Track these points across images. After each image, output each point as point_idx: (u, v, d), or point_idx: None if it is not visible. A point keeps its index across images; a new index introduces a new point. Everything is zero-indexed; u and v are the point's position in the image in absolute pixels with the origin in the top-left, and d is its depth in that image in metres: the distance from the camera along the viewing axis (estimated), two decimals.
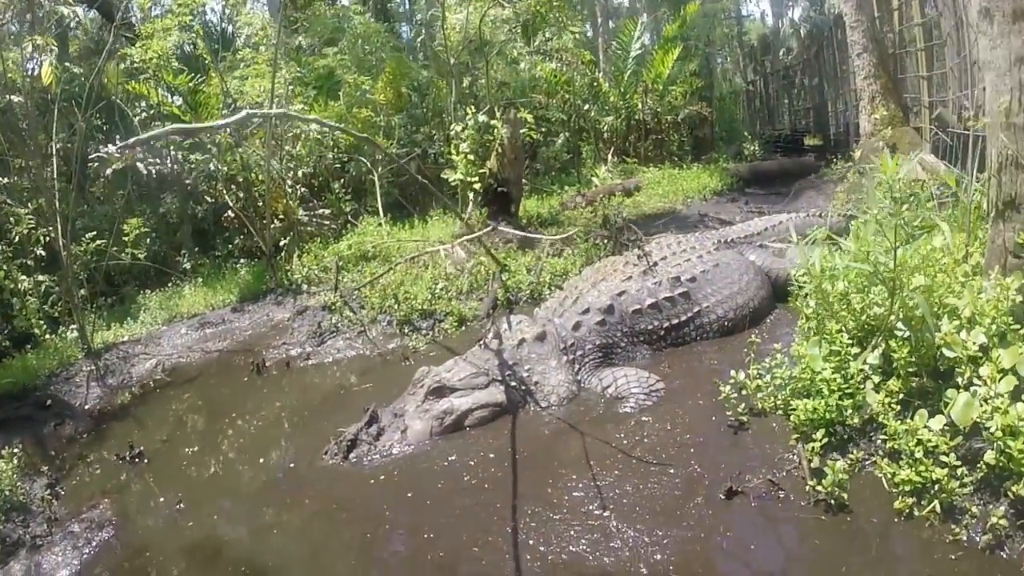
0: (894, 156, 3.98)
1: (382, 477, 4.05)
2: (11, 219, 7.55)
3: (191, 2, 10.37)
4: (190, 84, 9.91)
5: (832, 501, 3.17)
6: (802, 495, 3.29)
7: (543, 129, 14.68)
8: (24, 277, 7.46)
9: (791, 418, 3.71)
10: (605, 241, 7.40)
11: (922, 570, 2.83)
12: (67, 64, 7.50)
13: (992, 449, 2.99)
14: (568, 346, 4.91)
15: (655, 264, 5.54)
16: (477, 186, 9.25)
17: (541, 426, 4.40)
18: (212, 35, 11.50)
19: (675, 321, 5.21)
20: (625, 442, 4.00)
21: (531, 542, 3.30)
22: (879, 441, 3.43)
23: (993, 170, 3.82)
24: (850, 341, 3.75)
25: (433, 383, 4.55)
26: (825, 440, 3.46)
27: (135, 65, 9.72)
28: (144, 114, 10.31)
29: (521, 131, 10.18)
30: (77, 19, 9.80)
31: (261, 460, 4.67)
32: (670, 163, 13.84)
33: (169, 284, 9.69)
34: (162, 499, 4.48)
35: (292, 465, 4.54)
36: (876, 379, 3.54)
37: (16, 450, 4.99)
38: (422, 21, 16.10)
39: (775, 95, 21.23)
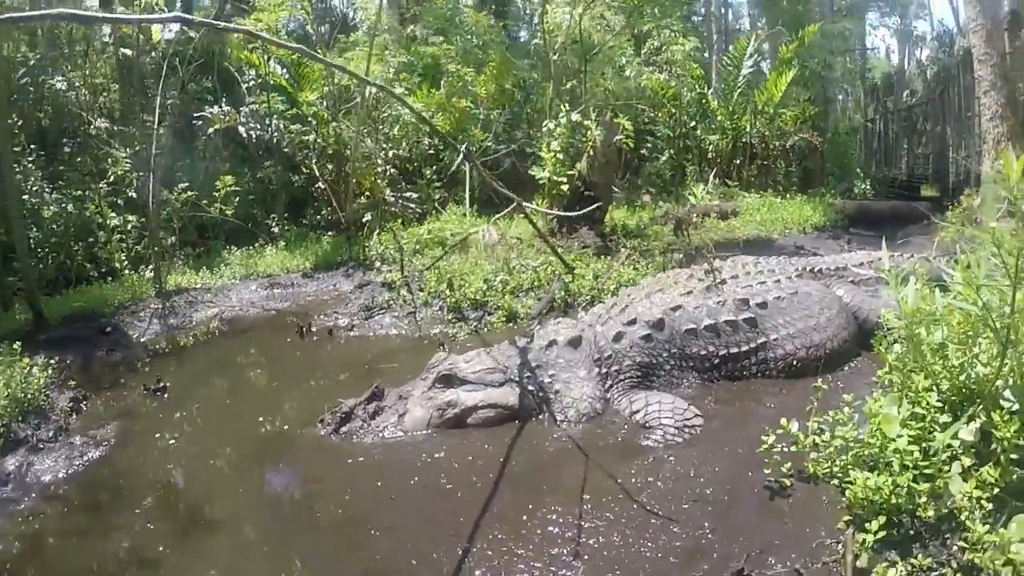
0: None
1: (361, 458, 3.78)
2: (109, 160, 8.08)
3: None
4: (294, 56, 10.24)
5: None
6: None
7: (648, 144, 14.07)
8: (114, 214, 7.95)
9: (846, 492, 2.87)
10: (669, 255, 6.74)
11: None
12: (183, 28, 7.99)
13: None
14: (604, 358, 4.32)
15: (723, 282, 4.85)
16: (564, 187, 8.89)
17: (547, 442, 3.88)
18: (333, 18, 11.93)
19: (734, 350, 4.48)
20: (634, 481, 3.35)
21: (478, 572, 2.80)
22: (955, 548, 2.56)
23: None
24: (940, 405, 2.94)
25: (444, 370, 4.16)
26: (883, 533, 2.62)
27: None
28: (252, 82, 10.79)
29: (617, 137, 9.70)
30: None
31: (260, 419, 4.57)
32: (773, 191, 12.81)
33: (255, 245, 10.04)
34: (158, 435, 4.51)
35: (286, 428, 4.43)
36: (967, 461, 2.69)
37: (53, 362, 5.27)
38: (536, 24, 15.97)
39: (895, 137, 19.12)
